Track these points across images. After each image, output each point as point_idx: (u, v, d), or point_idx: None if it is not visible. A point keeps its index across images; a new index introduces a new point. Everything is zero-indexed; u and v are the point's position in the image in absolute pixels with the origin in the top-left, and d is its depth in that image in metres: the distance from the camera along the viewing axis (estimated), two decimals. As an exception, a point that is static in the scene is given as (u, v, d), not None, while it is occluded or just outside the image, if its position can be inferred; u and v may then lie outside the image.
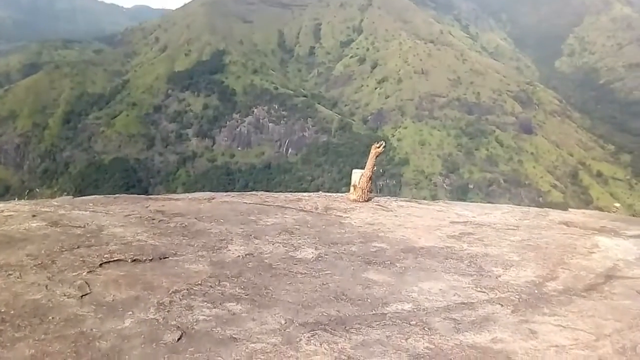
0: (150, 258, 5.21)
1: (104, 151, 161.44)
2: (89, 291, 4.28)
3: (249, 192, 11.20)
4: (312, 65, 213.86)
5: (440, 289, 5.11)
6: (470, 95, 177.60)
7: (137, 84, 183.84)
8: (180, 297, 4.26)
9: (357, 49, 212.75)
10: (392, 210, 9.46)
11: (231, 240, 6.40)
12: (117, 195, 9.70)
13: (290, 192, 11.93)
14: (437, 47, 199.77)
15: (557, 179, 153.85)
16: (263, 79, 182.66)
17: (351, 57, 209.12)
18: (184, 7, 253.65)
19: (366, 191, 10.55)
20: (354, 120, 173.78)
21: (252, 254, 5.76)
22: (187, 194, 10.85)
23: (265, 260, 5.55)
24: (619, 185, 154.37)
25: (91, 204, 8.07)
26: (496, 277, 5.59)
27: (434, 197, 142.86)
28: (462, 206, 10.60)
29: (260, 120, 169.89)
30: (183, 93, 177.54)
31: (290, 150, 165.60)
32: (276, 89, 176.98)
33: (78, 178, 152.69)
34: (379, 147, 11.18)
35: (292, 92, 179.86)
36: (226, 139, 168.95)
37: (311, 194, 11.53)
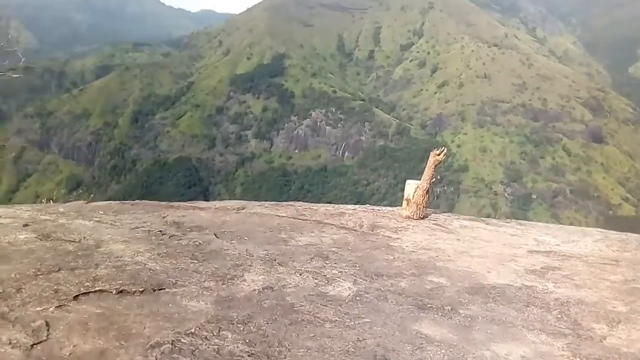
0: (142, 289, 4.07)
1: (169, 150, 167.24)
2: (44, 338, 3.22)
3: (285, 203, 10.15)
4: (371, 69, 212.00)
5: (523, 357, 3.64)
6: (536, 101, 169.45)
7: (201, 86, 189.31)
8: (159, 356, 3.12)
9: (417, 52, 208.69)
10: (453, 232, 7.95)
11: (250, 266, 5.21)
12: (136, 201, 8.62)
13: (334, 204, 10.43)
14: (502, 50, 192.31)
15: (629, 191, 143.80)
16: (321, 82, 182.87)
17: (411, 60, 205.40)
18: (247, 12, 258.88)
19: (422, 206, 9.07)
20: (412, 125, 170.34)
21: (271, 288, 4.50)
22: (216, 202, 9.87)
23: (287, 298, 4.25)
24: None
25: (101, 212, 7.18)
26: (600, 340, 3.97)
27: (494, 207, 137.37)
28: (541, 229, 8.77)
29: (318, 123, 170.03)
30: (244, 95, 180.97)
31: (346, 153, 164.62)
32: (334, 92, 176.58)
33: (144, 175, 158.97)
34: (439, 155, 9.36)
35: (350, 95, 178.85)
36: (284, 141, 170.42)
37: (356, 206, 9.98)
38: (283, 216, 8.06)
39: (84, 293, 3.94)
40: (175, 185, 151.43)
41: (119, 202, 8.32)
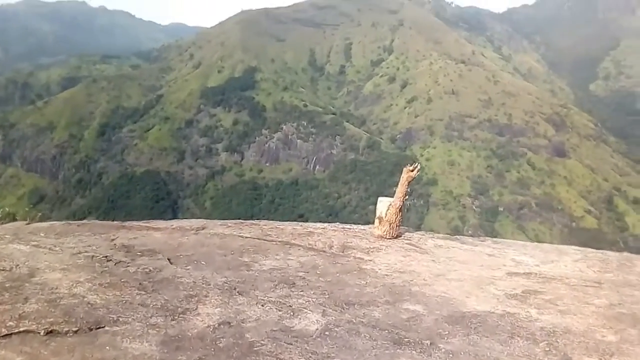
0: (76, 328, 3.45)
1: (136, 163, 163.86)
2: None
3: (250, 221, 9.36)
4: (342, 84, 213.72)
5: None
6: (501, 116, 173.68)
7: (171, 98, 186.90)
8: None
9: (388, 68, 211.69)
10: (428, 252, 7.56)
11: (205, 297, 4.60)
12: (83, 222, 7.93)
13: (305, 219, 9.77)
14: (469, 67, 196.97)
15: (591, 204, 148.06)
16: (293, 96, 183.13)
17: (381, 76, 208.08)
18: (219, 25, 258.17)
19: (395, 225, 8.59)
20: (382, 139, 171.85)
21: (228, 323, 3.91)
22: (173, 222, 8.99)
23: (247, 335, 3.67)
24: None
25: (42, 234, 6.47)
26: (595, 377, 3.63)
27: (462, 219, 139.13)
28: (517, 248, 8.38)
29: (289, 137, 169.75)
30: (214, 108, 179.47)
31: (317, 167, 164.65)
32: (305, 106, 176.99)
33: (110, 189, 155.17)
34: (412, 171, 8.98)
35: (321, 109, 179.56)
36: (255, 154, 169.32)
37: (325, 225, 9.46)
38: (247, 237, 7.59)
39: (5, 335, 3.32)
40: (143, 199, 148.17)
41: (64, 222, 7.64)
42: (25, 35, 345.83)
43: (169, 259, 6.02)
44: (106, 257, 5.79)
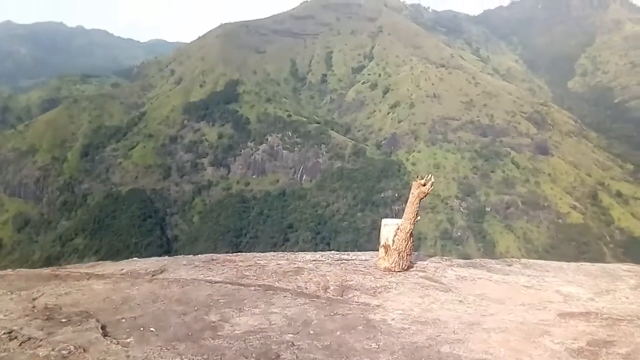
0: None
1: (121, 182, 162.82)
2: None
3: (224, 256, 7.81)
4: (325, 93, 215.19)
5: None
6: (483, 117, 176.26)
7: (154, 115, 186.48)
8: None
9: (369, 75, 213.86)
10: (451, 289, 6.10)
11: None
12: (7, 271, 6.57)
13: (289, 254, 8.27)
14: (449, 70, 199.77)
15: (576, 199, 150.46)
16: (276, 107, 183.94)
17: (363, 83, 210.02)
18: (198, 40, 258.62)
19: (405, 254, 7.01)
20: (367, 145, 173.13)
21: None
22: (124, 264, 7.57)
23: None
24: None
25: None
26: None
27: (450, 221, 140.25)
28: (556, 274, 7.02)
29: (275, 148, 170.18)
30: (198, 123, 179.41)
31: (304, 176, 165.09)
32: (289, 116, 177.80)
33: (96, 209, 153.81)
34: (424, 185, 7.36)
35: (305, 119, 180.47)
36: (241, 167, 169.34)
37: (317, 255, 7.92)
38: (217, 281, 6.04)
39: None
40: (130, 218, 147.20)
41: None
42: (3, 58, 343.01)
43: (103, 328, 4.55)
44: (10, 333, 4.24)
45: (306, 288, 5.97)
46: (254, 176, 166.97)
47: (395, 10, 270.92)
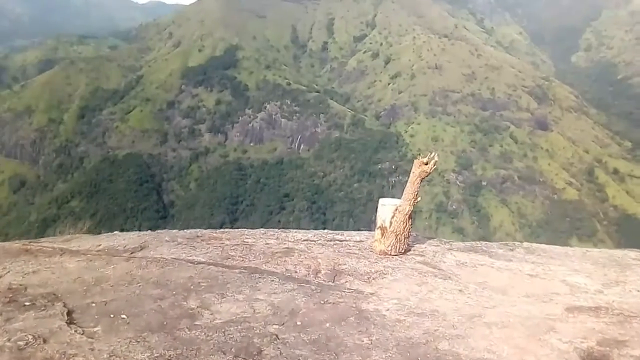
0: None
1: (118, 146, 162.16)
2: None
3: (210, 232, 7.38)
4: (325, 61, 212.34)
5: None
6: (484, 90, 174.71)
7: (151, 79, 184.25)
8: None
9: (371, 44, 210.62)
10: (450, 276, 5.76)
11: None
12: None
13: (279, 231, 7.80)
14: (452, 41, 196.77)
15: (572, 176, 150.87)
16: (276, 75, 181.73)
17: (364, 52, 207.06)
18: (197, 3, 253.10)
19: (403, 237, 6.60)
20: (366, 116, 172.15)
21: None
22: (104, 239, 7.08)
23: None
24: (636, 183, 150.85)
25: None
26: None
27: (446, 194, 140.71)
28: (563, 261, 6.60)
29: (273, 116, 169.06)
30: (196, 88, 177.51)
31: (302, 146, 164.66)
32: (289, 84, 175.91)
33: (92, 173, 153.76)
34: (426, 163, 7.02)
35: (304, 87, 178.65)
36: (239, 134, 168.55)
37: (310, 235, 7.44)
38: (200, 262, 5.67)
39: None
40: (126, 182, 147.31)
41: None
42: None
43: (69, 314, 4.19)
44: None
45: (295, 272, 5.62)
46: (251, 144, 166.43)
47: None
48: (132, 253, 6.06)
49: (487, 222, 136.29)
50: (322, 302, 4.78)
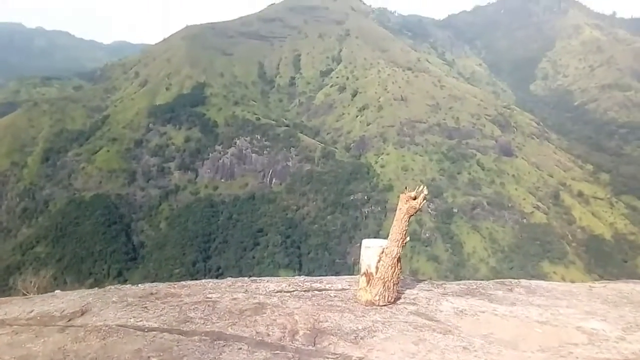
0: None
1: (85, 188, 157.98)
2: None
3: (165, 286, 6.46)
4: (293, 95, 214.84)
5: None
6: (449, 120, 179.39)
7: (118, 119, 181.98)
8: None
9: (337, 77, 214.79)
10: (451, 330, 4.95)
11: None
12: None
13: (250, 280, 6.98)
14: (415, 74, 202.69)
15: (539, 200, 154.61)
16: (245, 110, 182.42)
17: (331, 86, 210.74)
18: (164, 42, 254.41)
19: (392, 284, 5.75)
20: (336, 148, 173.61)
21: None
22: (40, 299, 6.20)
23: None
24: (600, 205, 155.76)
25: None
26: None
27: (419, 222, 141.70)
28: (570, 302, 5.93)
29: (243, 151, 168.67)
30: (164, 127, 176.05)
31: (274, 180, 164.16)
32: (258, 119, 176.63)
33: (58, 216, 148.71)
34: (414, 198, 6.28)
35: (274, 122, 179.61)
36: (209, 171, 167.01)
37: (283, 284, 6.55)
38: (151, 328, 4.80)
39: None
40: (94, 225, 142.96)
41: None
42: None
43: None
44: None
45: (268, 334, 4.63)
46: (222, 180, 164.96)
47: (362, 13, 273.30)
48: (69, 320, 5.07)
49: (461, 248, 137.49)
50: None
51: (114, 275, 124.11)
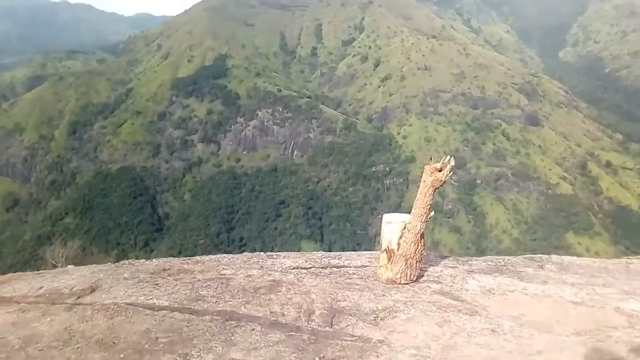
0: None
1: (111, 160, 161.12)
2: None
3: (179, 261, 6.29)
4: (315, 66, 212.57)
5: None
6: (474, 89, 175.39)
7: (141, 92, 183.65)
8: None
9: (359, 47, 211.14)
10: (477, 310, 4.64)
11: None
12: None
13: (266, 255, 6.74)
14: (440, 42, 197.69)
15: (565, 170, 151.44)
16: (266, 82, 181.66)
17: (353, 56, 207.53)
18: (185, 13, 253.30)
19: (415, 261, 5.44)
20: (358, 119, 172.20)
21: None
22: (51, 275, 6.02)
23: None
24: (629, 175, 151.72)
25: None
26: None
27: (441, 194, 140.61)
28: (607, 280, 5.54)
29: (265, 123, 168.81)
30: (187, 99, 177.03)
31: (295, 152, 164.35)
32: (279, 91, 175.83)
33: (85, 188, 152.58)
34: (440, 170, 5.78)
35: (295, 93, 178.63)
36: (231, 143, 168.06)
37: (300, 260, 6.25)
38: (161, 307, 4.60)
39: None
40: (120, 197, 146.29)
41: None
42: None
43: None
44: None
45: (283, 314, 4.41)
46: (244, 152, 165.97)
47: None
48: (78, 297, 4.89)
49: (483, 220, 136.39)
50: (317, 359, 3.71)
51: (140, 246, 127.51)
